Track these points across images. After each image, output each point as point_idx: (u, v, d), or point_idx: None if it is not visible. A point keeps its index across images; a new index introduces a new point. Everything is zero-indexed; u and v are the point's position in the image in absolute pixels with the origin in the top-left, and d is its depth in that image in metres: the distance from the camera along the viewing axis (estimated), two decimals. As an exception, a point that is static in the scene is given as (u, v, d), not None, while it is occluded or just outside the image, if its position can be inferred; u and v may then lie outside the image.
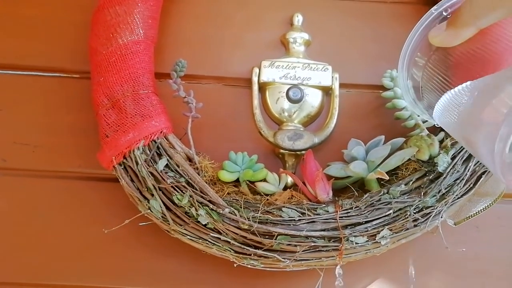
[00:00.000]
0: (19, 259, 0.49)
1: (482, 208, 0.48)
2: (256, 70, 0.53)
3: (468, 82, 0.28)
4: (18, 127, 0.52)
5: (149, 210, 0.45)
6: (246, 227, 0.43)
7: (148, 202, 0.45)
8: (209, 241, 0.44)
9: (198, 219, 0.43)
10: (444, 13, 0.32)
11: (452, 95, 0.30)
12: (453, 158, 0.45)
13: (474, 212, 0.48)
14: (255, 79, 0.53)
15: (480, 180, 0.45)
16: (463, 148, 0.45)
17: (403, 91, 0.39)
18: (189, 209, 0.44)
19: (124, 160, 0.46)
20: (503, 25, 0.28)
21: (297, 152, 0.52)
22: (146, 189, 0.45)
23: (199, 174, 0.46)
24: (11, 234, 0.50)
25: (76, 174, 0.51)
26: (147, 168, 0.45)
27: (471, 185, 0.45)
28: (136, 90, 0.48)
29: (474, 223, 0.51)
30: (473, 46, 0.29)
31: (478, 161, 0.45)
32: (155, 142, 0.47)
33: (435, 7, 0.33)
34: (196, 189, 0.45)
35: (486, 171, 0.46)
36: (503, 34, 0.29)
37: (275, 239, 0.43)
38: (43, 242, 0.50)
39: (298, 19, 0.56)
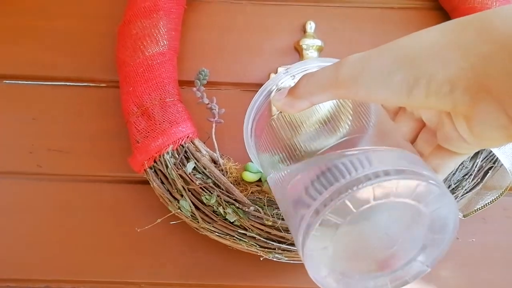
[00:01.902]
0: (57, 258, 0.53)
1: (489, 201, 0.51)
2: (272, 75, 0.57)
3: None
4: (51, 135, 0.56)
5: (179, 210, 0.49)
6: (270, 223, 0.47)
7: (178, 202, 0.49)
8: (236, 237, 0.48)
9: (226, 217, 0.47)
10: (291, 79, 0.33)
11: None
12: (461, 155, 0.48)
13: (482, 205, 0.51)
14: (272, 84, 0.57)
15: (487, 175, 0.48)
16: None
17: (249, 151, 0.38)
18: (217, 208, 0.47)
19: (155, 164, 0.50)
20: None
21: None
22: (176, 190, 0.49)
23: (224, 176, 0.49)
24: (49, 234, 0.53)
25: (107, 177, 0.55)
26: (177, 171, 0.49)
27: (479, 180, 0.49)
28: (163, 98, 0.51)
29: (481, 216, 0.54)
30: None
31: (485, 157, 0.49)
32: (183, 147, 0.50)
33: (284, 69, 0.33)
34: (223, 189, 0.48)
35: (492, 166, 0.49)
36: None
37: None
38: (79, 241, 0.53)
39: (311, 26, 0.59)
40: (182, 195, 0.49)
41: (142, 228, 0.51)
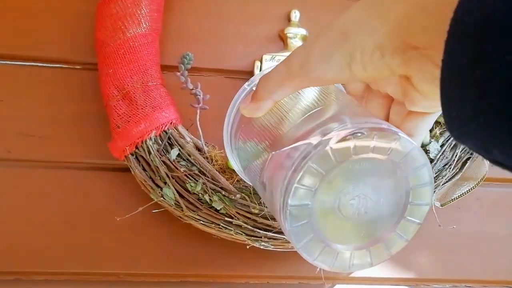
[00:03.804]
0: (28, 249, 0.50)
1: (465, 191, 0.53)
2: (257, 63, 0.56)
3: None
4: (21, 118, 0.52)
5: (162, 198, 0.47)
6: (256, 211, 0.46)
7: (161, 190, 0.47)
8: (221, 226, 0.47)
9: (212, 205, 0.46)
10: (254, 89, 0.34)
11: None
12: (442, 146, 0.50)
13: (458, 195, 0.53)
14: (256, 71, 0.56)
15: (466, 165, 0.50)
16: (451, 137, 0.50)
17: (231, 161, 0.39)
18: (202, 196, 0.46)
19: (136, 150, 0.48)
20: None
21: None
22: (158, 178, 0.47)
23: (209, 163, 0.48)
24: (20, 224, 0.50)
25: (83, 164, 0.52)
26: (160, 158, 0.47)
27: (458, 170, 0.50)
28: (145, 82, 0.49)
29: (456, 205, 0.56)
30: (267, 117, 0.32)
31: (464, 148, 0.50)
32: (166, 133, 0.48)
33: (247, 82, 0.35)
34: (208, 177, 0.47)
35: (470, 157, 0.51)
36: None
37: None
38: (53, 231, 0.50)
39: (296, 15, 0.59)
40: (165, 183, 0.47)
41: (122, 217, 0.49)
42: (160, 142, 0.48)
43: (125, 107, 0.49)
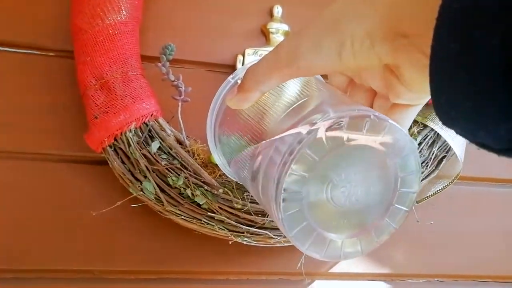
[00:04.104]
0: (-5, 245, 0.47)
1: (440, 189, 0.54)
2: (240, 57, 0.55)
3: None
4: (-12, 106, 0.49)
5: (141, 192, 0.46)
6: (239, 206, 0.45)
7: (141, 184, 0.46)
8: (203, 221, 0.46)
9: (195, 200, 0.45)
10: (239, 82, 0.34)
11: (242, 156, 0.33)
12: (419, 144, 0.51)
13: (433, 192, 0.55)
14: (239, 65, 0.55)
15: (442, 163, 0.52)
16: (428, 135, 0.51)
17: (215, 155, 0.38)
18: (184, 190, 0.45)
19: (115, 142, 0.46)
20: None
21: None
22: (138, 171, 0.46)
23: (191, 157, 0.47)
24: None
25: (56, 156, 0.50)
26: (140, 151, 0.45)
27: (434, 168, 0.52)
28: (125, 71, 0.48)
29: (430, 202, 0.58)
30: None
31: (440, 147, 0.52)
32: (147, 125, 0.47)
33: (231, 75, 0.36)
34: (190, 171, 0.46)
35: (445, 155, 0.52)
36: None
37: (267, 217, 0.46)
38: (24, 226, 0.47)
39: (278, 10, 0.59)
40: (145, 176, 0.46)
41: (98, 211, 0.47)
42: (141, 134, 0.46)
43: (103, 96, 0.47)
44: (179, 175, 0.45)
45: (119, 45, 0.48)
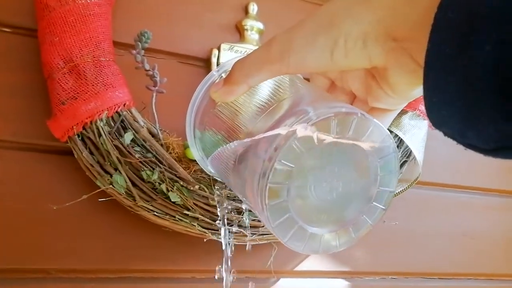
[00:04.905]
0: None
1: (398, 192, 0.58)
2: (215, 51, 0.54)
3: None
4: None
5: (110, 185, 0.43)
6: (215, 203, 0.44)
7: (110, 177, 0.43)
8: (176, 218, 0.44)
9: (169, 195, 0.43)
10: (223, 75, 0.35)
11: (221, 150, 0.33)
12: (385, 148, 0.54)
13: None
14: (214, 60, 0.54)
15: (403, 168, 0.55)
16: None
17: (193, 149, 0.37)
18: (159, 185, 0.43)
19: (83, 131, 0.43)
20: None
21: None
22: (108, 163, 0.43)
23: (166, 151, 0.45)
24: None
25: (9, 143, 0.45)
26: (112, 141, 0.43)
27: (396, 171, 0.55)
28: (97, 56, 0.45)
29: (387, 204, 0.61)
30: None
31: (402, 151, 0.55)
32: (119, 115, 0.44)
33: (216, 69, 0.35)
34: (165, 166, 0.44)
35: (406, 160, 0.56)
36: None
37: (242, 215, 0.45)
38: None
39: (253, 7, 0.58)
40: (116, 169, 0.43)
41: (60, 205, 0.43)
42: (112, 124, 0.43)
43: (72, 81, 0.43)
44: (153, 169, 0.43)
45: (92, 27, 0.45)
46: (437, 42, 0.19)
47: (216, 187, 0.44)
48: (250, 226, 0.46)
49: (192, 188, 0.44)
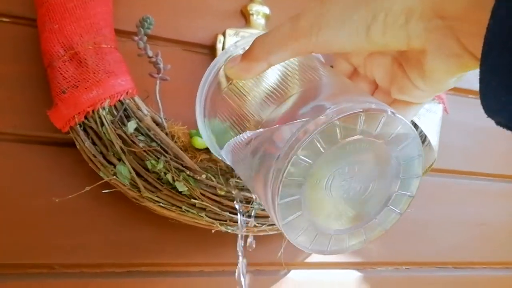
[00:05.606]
0: None
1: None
2: (220, 37, 0.52)
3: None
4: None
5: (114, 176, 0.41)
6: (223, 193, 0.43)
7: (114, 168, 0.41)
8: (183, 208, 0.43)
9: (175, 185, 0.41)
10: (241, 52, 0.31)
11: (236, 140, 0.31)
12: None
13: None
14: (219, 46, 0.52)
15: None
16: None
17: (204, 135, 0.35)
18: (164, 175, 0.42)
19: (85, 121, 0.41)
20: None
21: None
22: (112, 154, 0.41)
23: (171, 140, 0.44)
24: None
25: (11, 136, 0.44)
26: (115, 131, 0.41)
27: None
28: (98, 43, 0.43)
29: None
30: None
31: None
32: (122, 103, 0.43)
33: (229, 46, 0.33)
34: (170, 155, 0.42)
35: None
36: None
37: (251, 205, 0.44)
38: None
39: (259, -9, 0.56)
40: (120, 159, 0.41)
41: (63, 198, 0.42)
42: (115, 113, 0.42)
43: (72, 69, 0.42)
44: (158, 158, 0.42)
45: (92, 13, 0.43)
46: (501, 18, 0.17)
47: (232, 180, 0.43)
48: (259, 216, 0.45)
49: (199, 178, 0.42)
